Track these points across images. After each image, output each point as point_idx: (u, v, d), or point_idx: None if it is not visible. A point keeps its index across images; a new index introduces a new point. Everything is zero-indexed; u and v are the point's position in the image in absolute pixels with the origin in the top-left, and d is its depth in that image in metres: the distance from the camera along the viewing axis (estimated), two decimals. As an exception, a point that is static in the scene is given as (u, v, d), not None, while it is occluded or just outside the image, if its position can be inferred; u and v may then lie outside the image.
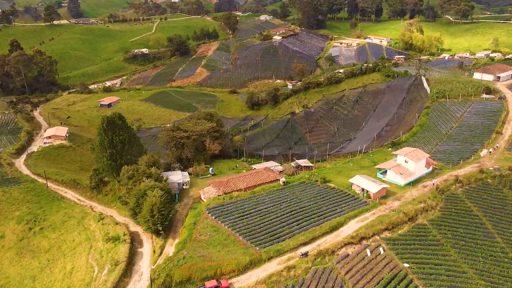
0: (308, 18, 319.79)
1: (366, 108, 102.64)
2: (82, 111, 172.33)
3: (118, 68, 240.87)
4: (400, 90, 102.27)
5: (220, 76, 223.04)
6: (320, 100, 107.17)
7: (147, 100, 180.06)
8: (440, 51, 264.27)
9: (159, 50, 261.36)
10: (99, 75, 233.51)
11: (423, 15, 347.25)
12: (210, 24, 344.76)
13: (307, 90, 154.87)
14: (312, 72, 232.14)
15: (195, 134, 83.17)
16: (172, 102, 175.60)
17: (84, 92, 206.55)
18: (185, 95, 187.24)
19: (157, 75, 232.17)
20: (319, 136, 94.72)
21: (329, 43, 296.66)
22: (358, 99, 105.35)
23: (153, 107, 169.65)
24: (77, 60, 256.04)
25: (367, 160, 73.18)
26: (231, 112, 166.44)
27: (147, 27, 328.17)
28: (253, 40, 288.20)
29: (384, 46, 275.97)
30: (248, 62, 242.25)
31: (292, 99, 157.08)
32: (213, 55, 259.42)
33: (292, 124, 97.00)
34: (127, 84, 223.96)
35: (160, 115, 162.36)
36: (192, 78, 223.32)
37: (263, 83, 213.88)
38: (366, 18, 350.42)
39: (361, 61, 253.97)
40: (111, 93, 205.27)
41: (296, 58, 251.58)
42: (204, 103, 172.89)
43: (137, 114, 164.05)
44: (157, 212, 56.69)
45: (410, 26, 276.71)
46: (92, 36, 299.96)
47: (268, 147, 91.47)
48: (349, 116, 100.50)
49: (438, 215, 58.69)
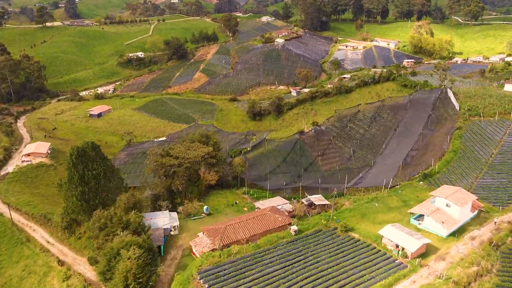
0: (311, 19, 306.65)
1: (386, 126, 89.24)
2: (70, 122, 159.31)
3: (112, 73, 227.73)
4: (424, 105, 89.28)
5: (219, 82, 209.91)
6: (332, 117, 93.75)
7: (141, 109, 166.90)
8: (452, 54, 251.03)
9: (155, 54, 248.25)
10: (91, 81, 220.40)
11: (430, 17, 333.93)
12: (209, 25, 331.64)
13: (313, 100, 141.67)
14: (317, 77, 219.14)
15: (187, 162, 70.28)
16: (168, 111, 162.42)
17: (74, 99, 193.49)
18: (182, 104, 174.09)
19: (153, 81, 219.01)
20: (332, 160, 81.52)
21: (334, 46, 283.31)
22: (375, 115, 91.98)
23: (147, 118, 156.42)
24: (68, 65, 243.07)
25: (395, 199, 60.02)
26: (231, 123, 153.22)
27: (144, 29, 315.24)
28: (254, 43, 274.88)
29: (392, 49, 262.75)
30: (249, 67, 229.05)
31: (298, 109, 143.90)
32: (212, 59, 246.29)
33: (300, 145, 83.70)
34: (121, 90, 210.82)
35: (153, 126, 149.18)
36: (190, 84, 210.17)
37: (265, 90, 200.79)
38: (372, 19, 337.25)
39: (368, 65, 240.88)
40: (102, 101, 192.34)
41: (299, 62, 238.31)
42: (202, 113, 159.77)
43: (129, 126, 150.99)
44: (133, 281, 43.63)
45: (420, 28, 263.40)
46: (86, 38, 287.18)
47: (274, 174, 78.28)
48: (366, 136, 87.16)
49: (496, 282, 45.41)
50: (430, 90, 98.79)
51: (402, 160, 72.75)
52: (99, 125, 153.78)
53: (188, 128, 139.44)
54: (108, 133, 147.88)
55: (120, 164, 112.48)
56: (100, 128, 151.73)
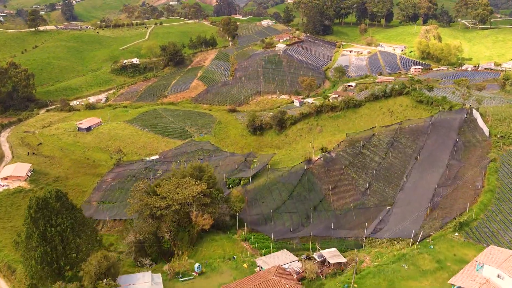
0: (313, 23, 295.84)
1: (405, 154, 78.30)
2: (57, 136, 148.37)
3: (105, 81, 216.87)
4: (448, 129, 78.48)
5: (218, 91, 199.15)
6: (343, 141, 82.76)
7: (133, 121, 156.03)
8: (461, 60, 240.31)
9: (151, 60, 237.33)
10: (83, 89, 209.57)
11: (436, 20, 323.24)
12: (208, 29, 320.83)
13: (319, 114, 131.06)
14: (320, 85, 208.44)
15: (177, 203, 59.68)
16: (162, 125, 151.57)
17: (64, 109, 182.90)
18: (178, 116, 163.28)
19: (148, 89, 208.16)
20: (345, 194, 70.71)
21: (337, 51, 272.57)
22: (393, 141, 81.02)
23: (139, 132, 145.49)
24: (60, 71, 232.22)
25: (428, 257, 48.98)
26: (230, 137, 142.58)
27: (140, 33, 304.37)
28: (255, 48, 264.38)
29: (398, 54, 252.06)
30: (249, 74, 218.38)
31: (302, 124, 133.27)
32: (211, 65, 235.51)
33: (308, 177, 72.83)
34: (114, 99, 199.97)
35: (146, 142, 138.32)
36: (187, 93, 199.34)
37: (266, 100, 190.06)
38: (376, 23, 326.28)
39: (374, 72, 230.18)
40: (94, 112, 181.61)
41: (302, 69, 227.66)
42: (199, 127, 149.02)
43: (120, 141, 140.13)
44: None
45: (427, 33, 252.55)
46: (80, 43, 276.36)
47: (278, 213, 67.41)
48: (383, 165, 76.22)
49: None
50: (455, 111, 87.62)
51: (429, 199, 62.12)
52: (87, 140, 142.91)
53: (183, 145, 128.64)
54: (97, 150, 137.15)
55: (106, 189, 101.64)
56: (88, 144, 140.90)
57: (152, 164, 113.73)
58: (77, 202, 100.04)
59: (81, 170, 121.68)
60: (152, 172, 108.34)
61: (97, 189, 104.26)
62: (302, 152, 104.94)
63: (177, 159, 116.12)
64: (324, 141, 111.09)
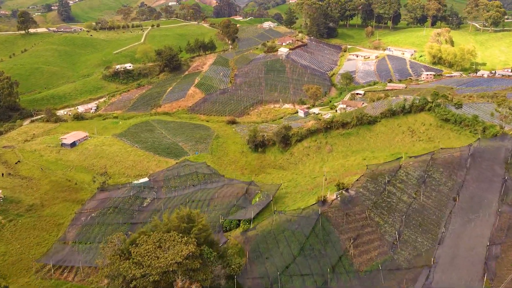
0: (317, 25, 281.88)
1: (440, 192, 64.30)
2: (38, 152, 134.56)
3: (96, 88, 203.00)
4: (491, 161, 64.59)
5: (216, 99, 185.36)
6: (363, 175, 68.76)
7: (123, 135, 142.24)
8: (475, 66, 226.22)
9: (145, 65, 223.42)
10: (71, 97, 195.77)
11: (446, 22, 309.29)
12: (207, 31, 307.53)
13: (328, 131, 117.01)
14: (326, 93, 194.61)
15: (156, 272, 45.95)
16: (154, 140, 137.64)
17: (50, 120, 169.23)
18: (172, 128, 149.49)
19: (141, 97, 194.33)
20: (369, 246, 56.81)
21: (343, 56, 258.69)
22: (424, 175, 67.01)
23: (128, 148, 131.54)
24: (49, 77, 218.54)
25: None
26: (229, 155, 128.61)
27: (136, 36, 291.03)
28: (256, 52, 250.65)
29: (408, 59, 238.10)
30: (250, 81, 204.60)
31: (309, 141, 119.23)
32: (209, 71, 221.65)
33: (323, 223, 58.91)
34: (104, 108, 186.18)
35: (135, 160, 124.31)
36: (183, 101, 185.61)
37: (268, 109, 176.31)
38: (382, 25, 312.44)
39: (383, 78, 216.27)
40: (82, 122, 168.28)
41: (306, 75, 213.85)
42: (194, 142, 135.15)
43: (106, 159, 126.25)
44: None
45: (438, 37, 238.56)
46: (72, 46, 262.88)
47: (287, 275, 53.50)
48: (414, 207, 62.28)
49: None
50: (499, 138, 73.65)
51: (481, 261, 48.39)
52: (71, 158, 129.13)
53: (176, 166, 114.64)
54: (81, 169, 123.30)
55: (85, 223, 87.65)
56: (72, 162, 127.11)
57: (140, 191, 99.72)
58: (49, 240, 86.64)
59: (60, 195, 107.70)
60: (139, 200, 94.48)
61: (75, 222, 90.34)
62: (311, 179, 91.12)
63: (168, 184, 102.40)
64: (336, 165, 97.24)
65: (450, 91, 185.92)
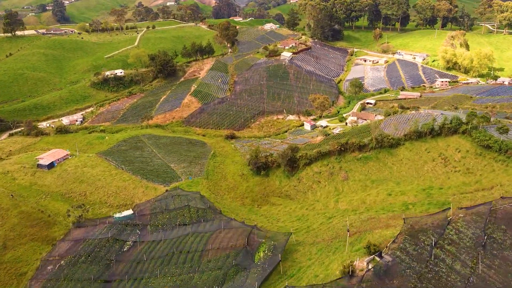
0: (322, 27, 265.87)
1: (506, 261, 48.47)
2: (11, 174, 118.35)
3: (83, 97, 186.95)
4: None
5: (214, 110, 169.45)
6: (400, 234, 52.74)
7: (109, 154, 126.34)
8: (492, 71, 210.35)
9: (138, 71, 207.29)
10: (56, 107, 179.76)
11: (456, 24, 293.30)
12: (205, 33, 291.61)
13: (342, 154, 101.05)
14: (334, 102, 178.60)
15: None
16: (142, 160, 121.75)
17: (30, 134, 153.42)
18: (164, 146, 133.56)
19: (132, 107, 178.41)
20: None
21: (350, 60, 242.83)
22: (483, 236, 51.03)
23: (113, 171, 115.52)
24: (34, 84, 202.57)
25: None
26: (227, 180, 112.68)
27: (130, 38, 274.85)
28: (257, 56, 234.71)
29: (420, 64, 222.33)
30: (251, 88, 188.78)
31: (319, 165, 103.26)
32: (207, 77, 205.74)
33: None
34: (91, 120, 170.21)
35: (120, 186, 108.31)
36: (177, 112, 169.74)
37: (271, 122, 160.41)
38: (390, 26, 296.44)
39: (394, 85, 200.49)
40: (65, 136, 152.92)
41: (311, 82, 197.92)
42: (188, 163, 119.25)
43: (87, 184, 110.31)
44: None
45: (452, 40, 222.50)
46: (61, 50, 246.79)
47: None
48: (473, 284, 46.23)
49: None
50: None
51: None
52: (47, 182, 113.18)
53: (165, 195, 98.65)
54: (58, 196, 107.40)
55: (49, 278, 71.55)
56: (48, 187, 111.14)
57: (121, 229, 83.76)
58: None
59: (29, 231, 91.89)
60: (118, 244, 78.57)
61: (40, 272, 74.50)
62: (326, 220, 75.15)
63: (155, 221, 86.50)
64: (355, 200, 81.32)
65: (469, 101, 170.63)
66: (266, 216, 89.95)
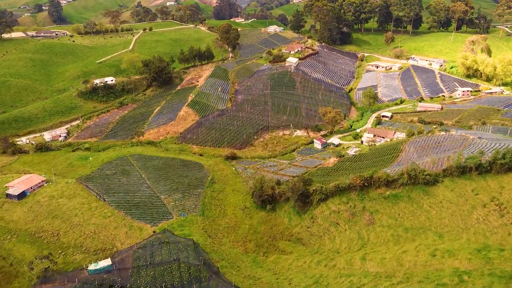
0: (329, 30, 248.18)
1: None
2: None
3: (69, 108, 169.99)
4: None
5: (213, 124, 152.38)
6: None
7: (90, 180, 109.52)
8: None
9: (130, 79, 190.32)
10: (39, 120, 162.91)
11: (472, 26, 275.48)
12: (204, 36, 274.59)
13: (365, 190, 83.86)
14: (346, 115, 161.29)
15: None
16: (128, 188, 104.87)
17: (6, 152, 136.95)
18: (154, 169, 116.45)
19: (123, 120, 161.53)
20: None
21: (360, 66, 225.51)
22: None
23: (93, 203, 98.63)
24: (17, 93, 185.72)
25: None
26: (227, 216, 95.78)
27: (124, 41, 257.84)
28: (260, 62, 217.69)
29: (437, 71, 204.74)
30: (253, 99, 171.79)
31: (337, 203, 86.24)
32: (205, 85, 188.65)
33: None
34: (76, 135, 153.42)
35: (99, 225, 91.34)
36: (172, 126, 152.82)
37: (276, 138, 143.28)
38: (401, 29, 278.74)
39: (410, 95, 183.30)
40: (46, 155, 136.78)
41: (320, 91, 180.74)
42: (181, 194, 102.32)
43: (61, 220, 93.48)
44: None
45: (473, 45, 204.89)
46: (49, 55, 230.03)
47: None
48: None
49: None
50: None
51: None
52: (16, 216, 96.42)
53: (152, 239, 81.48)
54: (26, 236, 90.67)
55: None
56: (16, 223, 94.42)
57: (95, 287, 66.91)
58: None
59: (-17, 287, 75.01)
60: (88, 315, 61.63)
61: None
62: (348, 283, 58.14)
63: (137, 279, 69.48)
64: (388, 259, 64.35)
65: (497, 114, 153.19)
66: (275, 271, 73.03)
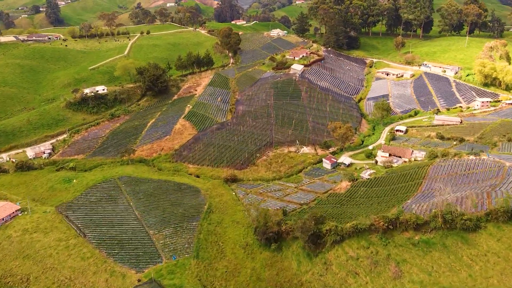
0: (336, 34, 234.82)
1: None
2: None
3: (55, 121, 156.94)
4: None
5: (211, 139, 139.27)
6: None
7: (71, 208, 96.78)
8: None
9: (123, 88, 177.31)
10: (23, 133, 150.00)
11: (485, 29, 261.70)
12: (204, 40, 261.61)
13: (389, 233, 70.51)
14: (357, 129, 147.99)
15: None
16: (112, 221, 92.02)
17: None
18: (144, 195, 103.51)
19: (113, 134, 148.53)
20: None
21: (369, 73, 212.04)
22: None
23: (71, 239, 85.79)
24: (2, 102, 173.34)
25: None
26: (226, 257, 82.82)
27: (120, 46, 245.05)
28: (262, 68, 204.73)
29: (452, 79, 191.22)
30: (256, 110, 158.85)
31: (355, 247, 73.22)
32: (204, 95, 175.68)
33: None
34: (62, 151, 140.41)
35: (75, 268, 78.41)
36: (167, 141, 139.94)
37: (281, 156, 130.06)
38: (411, 33, 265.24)
39: (424, 105, 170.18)
40: (28, 175, 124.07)
41: (328, 102, 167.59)
42: (173, 228, 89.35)
43: (33, 262, 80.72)
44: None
45: (491, 51, 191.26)
46: (40, 60, 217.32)
47: None
48: None
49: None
50: None
51: None
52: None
53: (135, 293, 68.41)
54: (-10, 282, 77.24)
55: None
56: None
57: None
58: None
59: None
60: None
61: None
62: None
63: None
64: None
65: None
66: None
